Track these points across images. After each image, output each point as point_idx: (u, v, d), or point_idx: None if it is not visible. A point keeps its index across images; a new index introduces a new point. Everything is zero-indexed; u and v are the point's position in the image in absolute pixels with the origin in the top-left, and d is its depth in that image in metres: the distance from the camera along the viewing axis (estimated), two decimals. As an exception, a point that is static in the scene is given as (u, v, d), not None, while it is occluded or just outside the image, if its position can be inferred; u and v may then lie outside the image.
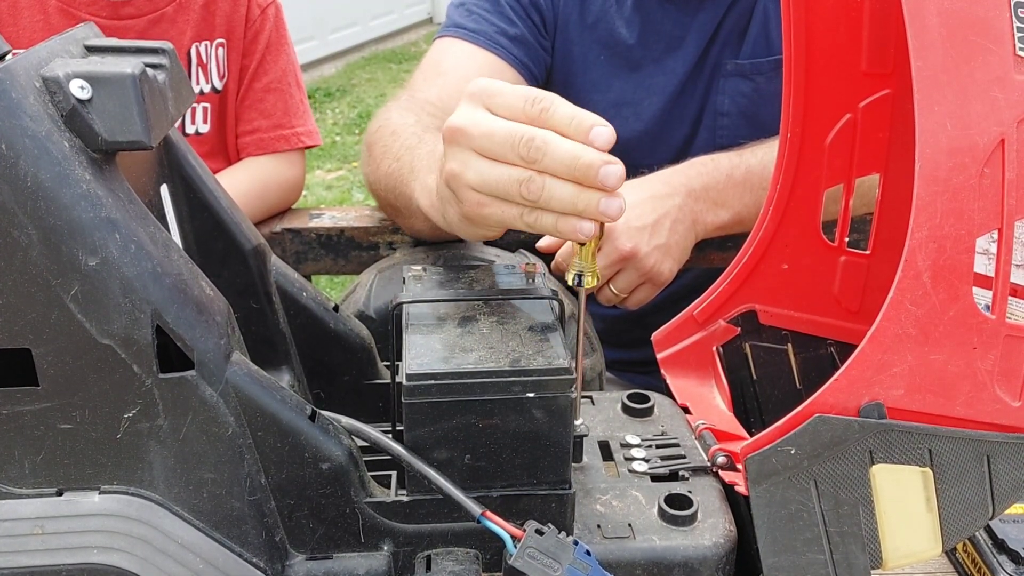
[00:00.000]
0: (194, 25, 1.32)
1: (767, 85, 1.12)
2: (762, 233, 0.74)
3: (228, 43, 1.36)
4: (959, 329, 0.52)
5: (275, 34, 1.39)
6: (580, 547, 0.51)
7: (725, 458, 0.61)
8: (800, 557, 0.56)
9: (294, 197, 1.36)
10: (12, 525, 0.51)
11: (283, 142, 1.38)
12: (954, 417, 0.54)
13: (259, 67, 1.38)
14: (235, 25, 1.35)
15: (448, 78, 1.07)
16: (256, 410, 0.52)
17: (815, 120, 0.71)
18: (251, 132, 1.38)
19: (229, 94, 1.38)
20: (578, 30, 1.15)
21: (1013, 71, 0.51)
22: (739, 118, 1.15)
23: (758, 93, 1.13)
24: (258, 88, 1.38)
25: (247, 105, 1.39)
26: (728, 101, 1.15)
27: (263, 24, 1.37)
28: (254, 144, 1.38)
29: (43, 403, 0.49)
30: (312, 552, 0.55)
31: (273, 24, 1.38)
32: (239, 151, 1.40)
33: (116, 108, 0.48)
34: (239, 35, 1.36)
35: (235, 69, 1.37)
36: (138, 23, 1.30)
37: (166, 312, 0.49)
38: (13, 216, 0.45)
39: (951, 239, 0.51)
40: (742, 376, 0.78)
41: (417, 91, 1.07)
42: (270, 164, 1.37)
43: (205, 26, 1.34)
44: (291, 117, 1.40)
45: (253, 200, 1.24)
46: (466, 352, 0.55)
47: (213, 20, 1.34)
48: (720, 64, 1.14)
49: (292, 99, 1.41)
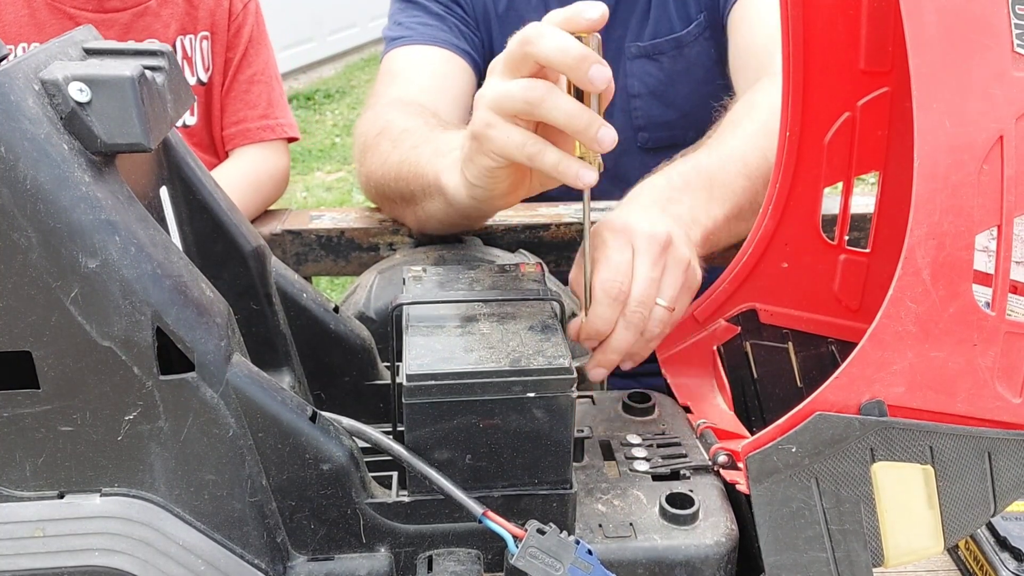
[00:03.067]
0: (178, 19, 1.36)
1: (672, 64, 1.14)
2: (762, 232, 0.74)
3: (212, 36, 1.39)
4: (959, 326, 0.52)
5: (256, 29, 1.43)
6: (582, 546, 0.51)
7: (726, 457, 0.61)
8: (802, 555, 0.56)
9: (283, 188, 1.40)
10: (13, 528, 0.51)
11: (269, 132, 1.42)
12: (955, 414, 0.54)
13: (243, 59, 1.42)
14: (219, 19, 1.39)
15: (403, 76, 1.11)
16: (257, 411, 0.52)
17: (814, 118, 0.71)
18: (237, 123, 1.42)
19: (214, 87, 1.41)
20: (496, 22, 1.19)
21: (1011, 68, 0.51)
22: (650, 99, 1.18)
23: (664, 72, 1.16)
24: (243, 80, 1.42)
25: (233, 96, 1.42)
26: (638, 83, 1.17)
27: (245, 18, 1.41)
28: (241, 134, 1.41)
29: (44, 405, 0.49)
30: (313, 553, 0.55)
31: (254, 18, 1.43)
32: (225, 142, 1.43)
33: (115, 110, 0.48)
34: (223, 28, 1.40)
35: (220, 62, 1.41)
36: (123, 16, 1.32)
37: (166, 314, 0.49)
38: (13, 219, 0.45)
39: (951, 236, 0.51)
40: (743, 375, 0.78)
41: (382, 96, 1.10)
42: (260, 154, 1.40)
43: (189, 20, 1.37)
44: (275, 108, 1.44)
45: (249, 193, 1.27)
46: (466, 352, 0.55)
47: (197, 14, 1.37)
48: (623, 47, 1.16)
49: (275, 91, 1.45)
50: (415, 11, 1.17)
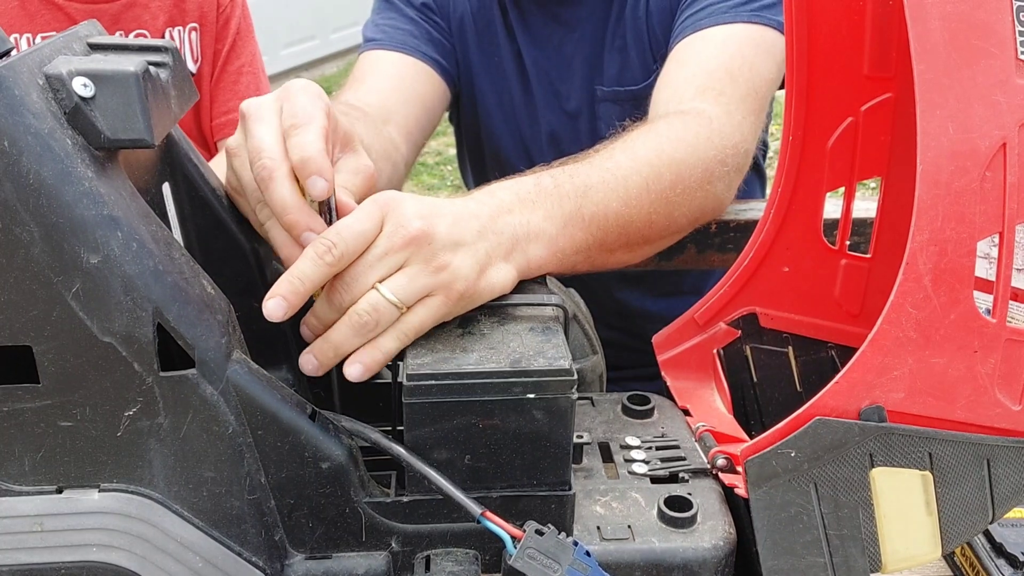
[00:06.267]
0: (167, 10, 1.37)
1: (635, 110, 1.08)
2: (763, 236, 0.74)
3: (201, 28, 1.41)
4: (960, 333, 0.52)
5: (244, 21, 1.45)
6: (580, 548, 0.51)
7: (725, 460, 0.61)
8: (800, 560, 0.56)
9: None
10: (12, 522, 0.51)
11: None
12: (954, 421, 0.54)
13: (231, 51, 1.43)
14: (207, 10, 1.41)
15: (370, 80, 1.10)
16: (256, 409, 0.52)
17: (817, 123, 0.71)
18: (227, 113, 1.43)
19: (203, 78, 1.42)
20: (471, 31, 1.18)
21: (1015, 75, 0.51)
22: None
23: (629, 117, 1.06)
24: (231, 71, 1.44)
25: (222, 87, 1.44)
26: (604, 126, 1.13)
27: (233, 10, 1.43)
28: (229, 124, 1.43)
29: (44, 400, 0.49)
30: (311, 551, 0.55)
31: (241, 10, 1.45)
32: (214, 133, 1.44)
33: (119, 106, 0.48)
34: (212, 20, 1.41)
35: (208, 53, 1.42)
36: (112, 8, 1.33)
37: (167, 310, 0.49)
38: (15, 213, 0.45)
39: (952, 243, 0.51)
40: (742, 379, 0.78)
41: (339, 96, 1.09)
42: None
43: (177, 11, 1.38)
44: None
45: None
46: (466, 352, 0.55)
47: (185, 5, 1.38)
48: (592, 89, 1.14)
49: (262, 83, 1.47)
50: (391, 12, 1.17)
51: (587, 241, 0.69)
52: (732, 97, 0.90)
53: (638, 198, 0.73)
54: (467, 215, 0.61)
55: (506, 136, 1.20)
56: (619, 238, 0.73)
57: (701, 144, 0.81)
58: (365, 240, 0.57)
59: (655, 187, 0.75)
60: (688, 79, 0.94)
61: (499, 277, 0.61)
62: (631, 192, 0.73)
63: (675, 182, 0.77)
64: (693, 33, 0.99)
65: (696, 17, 1.00)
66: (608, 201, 0.71)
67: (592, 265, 0.72)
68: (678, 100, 0.91)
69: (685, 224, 0.82)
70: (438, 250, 0.58)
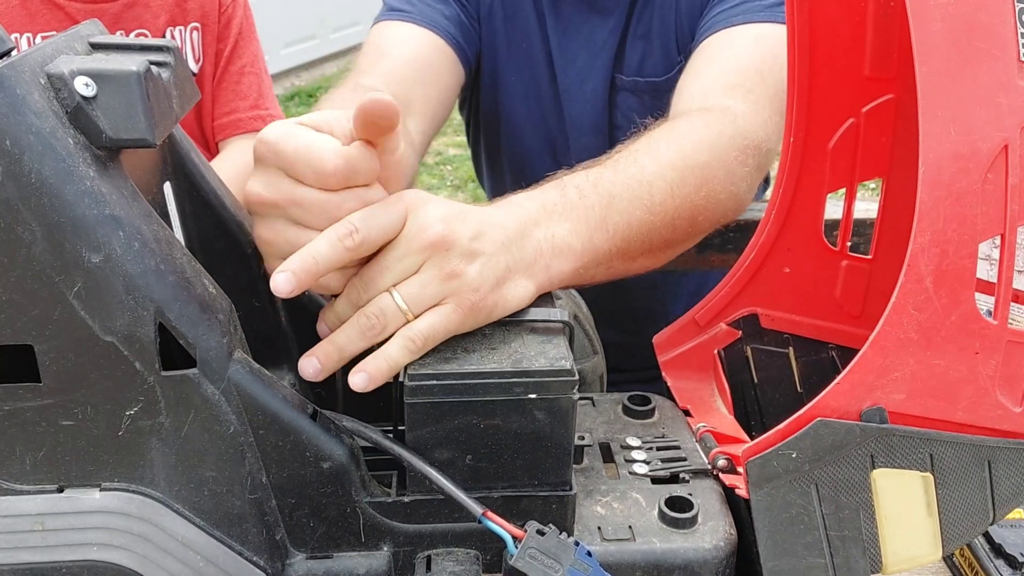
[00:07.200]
0: (168, 10, 1.37)
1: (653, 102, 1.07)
2: (764, 237, 0.74)
3: (203, 27, 1.40)
4: (961, 334, 0.52)
5: (245, 21, 1.45)
6: (581, 548, 0.51)
7: (726, 461, 0.61)
8: (800, 561, 0.56)
9: None
10: (13, 522, 0.51)
11: (260, 122, 1.42)
12: (955, 422, 0.54)
13: (233, 51, 1.43)
14: (209, 10, 1.40)
15: (391, 60, 1.05)
16: (258, 408, 0.52)
17: (818, 124, 0.71)
18: (229, 113, 1.43)
19: (205, 78, 1.42)
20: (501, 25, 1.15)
21: (1017, 77, 0.51)
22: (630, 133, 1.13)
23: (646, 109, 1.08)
24: (233, 71, 1.43)
25: (224, 87, 1.43)
26: (620, 115, 1.13)
27: (235, 10, 1.43)
28: (232, 125, 1.42)
29: (45, 399, 0.49)
30: (312, 551, 0.55)
31: (243, 10, 1.45)
32: (216, 133, 1.44)
33: (121, 105, 0.48)
34: (213, 19, 1.41)
35: (210, 53, 1.42)
36: (113, 7, 1.33)
37: (169, 310, 0.49)
38: (17, 212, 0.45)
39: (954, 244, 0.51)
40: (743, 379, 0.78)
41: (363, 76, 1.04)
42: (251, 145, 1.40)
43: (179, 11, 1.38)
44: (265, 100, 1.45)
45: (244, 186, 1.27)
46: (468, 352, 0.55)
47: (186, 5, 1.38)
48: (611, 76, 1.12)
49: (264, 83, 1.46)
50: None
51: (610, 252, 0.67)
52: (761, 96, 0.88)
53: (662, 204, 0.71)
54: (493, 224, 0.59)
55: (528, 127, 1.18)
56: (642, 245, 0.71)
57: (724, 144, 0.79)
58: (387, 233, 0.56)
59: (679, 192, 0.72)
60: (718, 75, 0.92)
61: (516, 292, 0.59)
62: (655, 198, 0.71)
63: (700, 185, 0.75)
64: (725, 29, 0.97)
65: (729, 13, 0.98)
66: (632, 210, 0.69)
67: (612, 274, 0.70)
68: (704, 95, 0.89)
69: (707, 227, 0.80)
70: (454, 257, 0.56)
